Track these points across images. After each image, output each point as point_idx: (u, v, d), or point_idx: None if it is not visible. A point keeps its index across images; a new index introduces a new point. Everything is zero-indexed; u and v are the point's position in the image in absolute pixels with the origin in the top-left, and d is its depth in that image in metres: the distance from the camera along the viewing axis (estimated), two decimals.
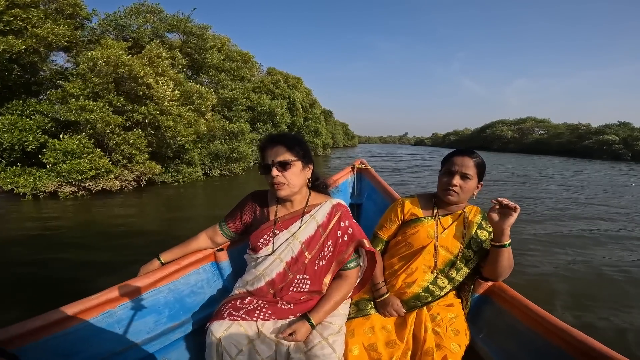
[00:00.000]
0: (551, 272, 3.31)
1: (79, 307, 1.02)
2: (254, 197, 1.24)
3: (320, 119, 20.17)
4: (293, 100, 16.99)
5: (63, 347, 0.98)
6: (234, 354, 0.96)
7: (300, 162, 1.09)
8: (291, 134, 1.21)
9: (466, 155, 1.19)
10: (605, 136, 32.02)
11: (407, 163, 19.02)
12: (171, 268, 1.23)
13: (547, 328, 1.00)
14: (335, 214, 1.15)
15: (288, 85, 18.73)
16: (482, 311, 1.25)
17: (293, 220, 1.14)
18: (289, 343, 1.02)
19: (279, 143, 1.07)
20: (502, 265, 1.12)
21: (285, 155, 1.06)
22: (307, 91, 22.64)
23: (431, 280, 1.20)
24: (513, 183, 10.44)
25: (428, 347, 1.05)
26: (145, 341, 1.14)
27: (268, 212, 1.19)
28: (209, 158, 8.94)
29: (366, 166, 2.25)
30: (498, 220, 1.06)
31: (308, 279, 1.12)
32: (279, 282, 1.11)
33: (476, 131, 60.79)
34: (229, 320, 1.01)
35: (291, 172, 1.07)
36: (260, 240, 1.14)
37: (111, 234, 4.41)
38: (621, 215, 5.96)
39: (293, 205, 1.16)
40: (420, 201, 1.31)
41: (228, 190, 7.92)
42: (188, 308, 1.28)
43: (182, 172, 8.26)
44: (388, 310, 1.19)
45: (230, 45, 14.67)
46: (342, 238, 1.13)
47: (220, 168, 9.26)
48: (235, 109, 10.76)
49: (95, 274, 2.99)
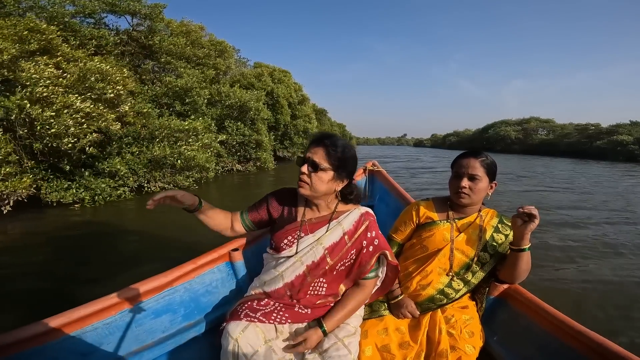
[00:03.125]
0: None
1: (97, 306, 1.01)
2: (283, 194, 1.21)
3: (311, 118, 17.59)
4: (276, 95, 14.51)
5: (80, 346, 0.97)
6: (250, 355, 0.95)
7: (333, 172, 1.06)
8: (343, 143, 1.09)
9: (472, 157, 1.20)
10: (619, 136, 30.17)
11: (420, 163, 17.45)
12: (187, 267, 1.23)
13: (564, 331, 0.98)
14: (363, 223, 1.13)
15: (273, 79, 16.29)
16: (497, 313, 1.24)
17: (319, 225, 1.13)
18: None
19: (322, 145, 1.05)
20: (521, 268, 1.11)
21: (321, 159, 1.04)
22: (296, 86, 20.14)
23: (446, 282, 1.20)
24: (561, 191, 8.64)
25: (442, 348, 1.06)
26: (160, 340, 1.14)
27: (296, 212, 1.17)
28: (145, 167, 6.48)
29: (378, 168, 2.26)
30: (520, 225, 1.04)
31: (325, 283, 1.12)
32: (297, 284, 1.10)
33: (477, 132, 59.30)
34: (246, 321, 1.00)
35: (318, 177, 1.05)
36: (284, 241, 1.12)
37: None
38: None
39: (319, 210, 1.15)
40: (435, 204, 1.31)
41: (166, 214, 4.80)
42: (202, 308, 1.28)
43: (94, 187, 5.37)
44: (402, 312, 1.20)
45: (204, 35, 12.43)
46: (367, 248, 1.11)
47: (163, 180, 6.78)
48: (189, 101, 8.32)
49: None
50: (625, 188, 9.81)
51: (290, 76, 19.16)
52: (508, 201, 6.93)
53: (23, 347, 0.86)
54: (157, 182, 6.75)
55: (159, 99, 8.09)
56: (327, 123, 37.86)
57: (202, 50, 11.12)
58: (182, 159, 6.50)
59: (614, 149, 29.61)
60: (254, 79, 15.45)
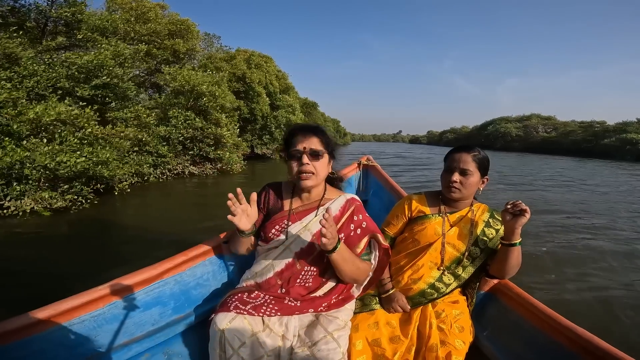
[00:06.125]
0: None
1: (84, 298, 1.00)
2: (269, 187, 1.24)
3: (295, 108, 15.13)
4: (249, 81, 11.99)
5: (68, 338, 0.97)
6: (237, 346, 0.95)
7: (328, 155, 1.13)
8: (322, 126, 1.19)
9: (464, 152, 1.20)
10: (628, 135, 28.37)
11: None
12: (178, 259, 1.22)
13: (552, 326, 1.00)
14: (349, 208, 1.15)
15: (250, 65, 13.74)
16: (487, 308, 1.26)
17: (307, 213, 1.15)
18: (293, 338, 1.02)
19: (312, 132, 1.10)
20: (511, 263, 1.12)
21: (317, 145, 1.08)
22: (280, 75, 17.52)
23: (437, 277, 1.21)
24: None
25: (432, 343, 1.07)
26: (150, 333, 1.13)
27: (282, 203, 1.19)
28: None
29: (372, 162, 2.23)
30: (510, 220, 1.05)
31: (315, 271, 1.12)
32: (287, 272, 1.11)
33: (476, 129, 57.54)
34: (234, 312, 1.00)
35: (321, 163, 1.10)
36: (272, 231, 1.14)
37: None
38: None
39: (309, 197, 1.17)
40: (427, 198, 1.31)
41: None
42: (193, 300, 1.27)
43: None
44: (393, 306, 1.21)
45: (165, 14, 9.99)
46: (354, 231, 1.13)
47: (32, 196, 4.32)
48: (99, 84, 5.78)
49: None
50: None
51: (272, 62, 16.55)
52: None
53: (9, 339, 0.86)
54: (19, 200, 4.26)
55: (56, 82, 5.53)
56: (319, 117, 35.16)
57: (147, 27, 8.58)
58: (41, 164, 4.00)
59: (623, 147, 27.87)
60: (224, 62, 12.87)
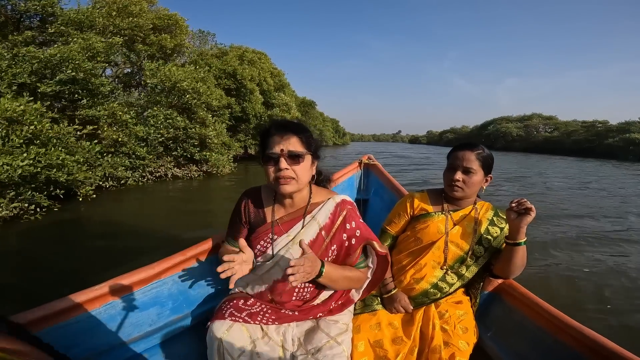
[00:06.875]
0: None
1: (81, 297, 0.98)
2: (247, 197, 1.10)
3: (291, 107, 14.52)
4: (241, 78, 11.38)
5: (64, 338, 0.94)
6: (236, 355, 0.92)
7: (311, 156, 0.99)
8: (303, 123, 1.02)
9: (467, 149, 1.17)
10: (632, 135, 27.81)
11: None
12: (176, 259, 1.20)
13: (558, 326, 0.98)
14: (340, 214, 1.03)
15: (243, 61, 13.13)
16: (491, 309, 1.23)
17: (293, 223, 1.03)
18: (293, 345, 0.99)
19: (290, 131, 0.94)
20: (516, 263, 1.10)
21: (297, 146, 0.94)
22: (275, 72, 16.90)
23: (440, 276, 1.19)
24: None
25: (436, 344, 1.05)
26: (147, 333, 1.12)
27: (264, 213, 1.07)
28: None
29: (374, 161, 2.20)
30: (515, 219, 1.03)
31: (310, 285, 1.05)
32: (280, 289, 1.03)
33: (476, 128, 57.13)
34: (230, 320, 0.97)
35: (302, 167, 0.95)
36: (257, 247, 1.04)
37: None
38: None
39: (293, 204, 1.04)
40: (430, 196, 1.29)
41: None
42: (191, 301, 1.25)
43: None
44: (395, 306, 1.19)
45: (152, 8, 9.42)
46: (348, 241, 1.02)
47: None
48: (64, 79, 5.27)
49: None
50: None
51: (266, 59, 15.93)
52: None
53: None
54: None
55: (18, 79, 4.93)
56: (317, 117, 34.51)
57: (128, 20, 7.95)
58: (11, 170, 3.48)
59: (626, 147, 27.31)
60: (215, 58, 12.26)
